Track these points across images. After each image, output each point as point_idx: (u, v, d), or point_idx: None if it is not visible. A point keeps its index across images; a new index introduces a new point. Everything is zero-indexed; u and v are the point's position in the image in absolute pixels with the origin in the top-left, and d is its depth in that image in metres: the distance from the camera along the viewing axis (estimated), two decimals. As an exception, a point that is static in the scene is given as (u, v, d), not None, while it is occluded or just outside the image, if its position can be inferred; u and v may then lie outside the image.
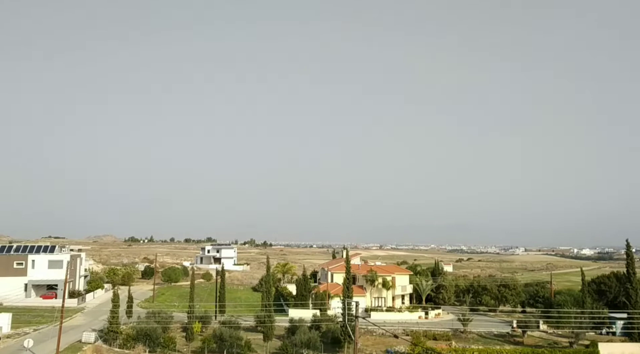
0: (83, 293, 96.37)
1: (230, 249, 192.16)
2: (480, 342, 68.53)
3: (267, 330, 62.04)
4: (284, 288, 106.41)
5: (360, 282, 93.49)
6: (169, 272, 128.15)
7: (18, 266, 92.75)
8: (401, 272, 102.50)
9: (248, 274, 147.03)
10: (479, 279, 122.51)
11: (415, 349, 60.06)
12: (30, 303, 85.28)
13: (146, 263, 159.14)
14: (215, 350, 59.78)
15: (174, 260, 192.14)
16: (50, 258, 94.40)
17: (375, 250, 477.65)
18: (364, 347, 63.20)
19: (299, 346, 59.52)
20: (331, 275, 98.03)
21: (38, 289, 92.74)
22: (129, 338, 59.63)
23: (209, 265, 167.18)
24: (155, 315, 66.20)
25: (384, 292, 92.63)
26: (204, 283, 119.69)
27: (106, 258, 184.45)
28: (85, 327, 66.31)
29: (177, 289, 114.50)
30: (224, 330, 61.41)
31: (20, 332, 62.75)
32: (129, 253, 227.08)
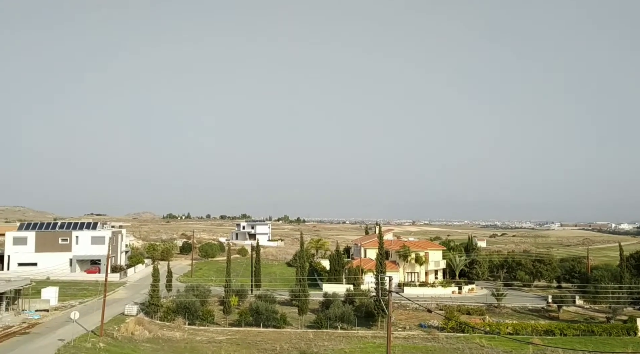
0: (124, 268, 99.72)
1: (265, 225, 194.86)
2: (515, 317, 68.45)
3: (301, 304, 63.27)
4: (317, 263, 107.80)
5: (393, 257, 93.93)
6: (206, 248, 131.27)
7: (63, 242, 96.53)
8: (434, 247, 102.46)
9: (282, 249, 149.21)
10: (513, 254, 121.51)
11: (448, 324, 60.51)
12: (75, 277, 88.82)
13: (184, 239, 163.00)
14: (251, 323, 61.41)
15: (211, 236, 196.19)
16: (93, 235, 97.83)
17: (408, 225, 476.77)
18: (398, 321, 63.92)
19: (333, 320, 60.65)
20: (364, 251, 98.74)
21: (82, 264, 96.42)
22: (169, 311, 61.72)
23: (244, 240, 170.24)
24: (193, 289, 68.20)
25: (417, 267, 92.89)
26: (240, 258, 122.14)
27: (146, 234, 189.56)
28: (127, 300, 68.92)
29: (214, 264, 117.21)
30: (260, 304, 62.94)
31: (67, 305, 65.67)
32: (167, 229, 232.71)
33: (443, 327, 60.62)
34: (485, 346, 52.71)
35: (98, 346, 45.04)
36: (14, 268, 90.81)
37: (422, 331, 60.20)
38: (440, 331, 59.30)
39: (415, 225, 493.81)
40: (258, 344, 53.61)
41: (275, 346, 52.34)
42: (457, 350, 51.57)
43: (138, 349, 47.80)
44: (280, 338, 56.52)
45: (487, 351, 51.08)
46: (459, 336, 57.44)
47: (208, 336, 56.64)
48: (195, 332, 57.86)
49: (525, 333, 58.05)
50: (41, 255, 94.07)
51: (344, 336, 57.71)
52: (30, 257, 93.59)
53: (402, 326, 62.80)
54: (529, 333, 57.99)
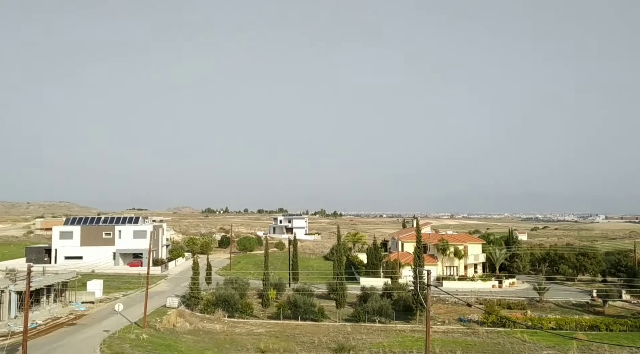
0: (165, 261, 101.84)
1: (302, 219, 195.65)
2: (558, 311, 66.85)
3: (339, 297, 63.34)
4: (354, 257, 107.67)
5: (431, 251, 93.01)
6: (244, 241, 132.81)
7: (106, 236, 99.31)
8: (473, 241, 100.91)
9: (319, 243, 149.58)
10: (555, 248, 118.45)
11: (489, 318, 59.58)
12: (119, 270, 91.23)
13: (222, 233, 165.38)
14: (290, 316, 61.87)
15: (248, 229, 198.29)
16: (135, 229, 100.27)
17: (446, 219, 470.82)
18: (437, 315, 63.30)
19: (371, 313, 60.52)
20: (402, 244, 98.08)
21: (125, 257, 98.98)
22: (209, 303, 62.74)
23: (281, 234, 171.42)
24: (232, 282, 69.10)
25: (456, 261, 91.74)
26: (277, 252, 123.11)
27: (185, 228, 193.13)
28: (169, 293, 70.35)
29: (252, 257, 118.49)
30: (298, 297, 63.33)
31: (111, 297, 67.48)
32: (206, 223, 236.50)
33: (483, 321, 59.72)
34: (527, 341, 51.66)
35: (141, 337, 46.17)
36: (60, 262, 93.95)
37: (462, 326, 59.45)
38: (480, 326, 58.45)
39: (454, 219, 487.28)
40: (296, 337, 53.97)
41: (313, 339, 52.57)
42: (498, 345, 50.71)
43: (180, 340, 48.78)
44: (318, 331, 56.75)
45: (529, 346, 50.01)
46: (499, 330, 56.46)
47: (247, 328, 57.37)
48: (234, 324, 58.68)
49: (569, 328, 56.57)
50: (86, 248, 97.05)
51: (382, 329, 57.52)
52: (75, 251, 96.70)
53: (441, 320, 62.16)
54: (572, 328, 56.50)
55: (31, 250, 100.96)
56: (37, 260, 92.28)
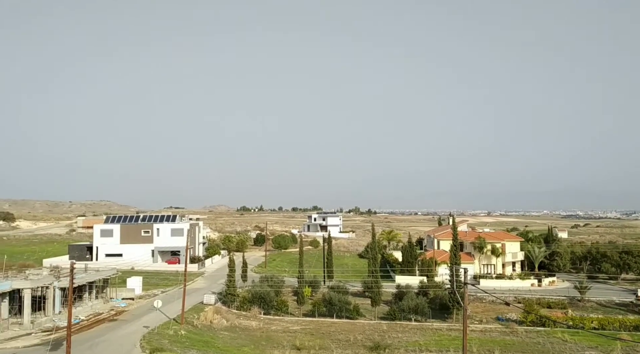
0: (202, 259, 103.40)
1: (336, 217, 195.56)
2: (600, 311, 64.99)
3: (374, 295, 63.09)
4: (389, 254, 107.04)
5: (467, 249, 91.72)
6: (279, 239, 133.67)
7: (145, 234, 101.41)
8: (511, 239, 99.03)
9: (354, 241, 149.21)
10: (597, 245, 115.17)
11: (528, 317, 58.42)
12: (157, 268, 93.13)
13: (257, 231, 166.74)
14: (325, 314, 61.98)
15: (283, 227, 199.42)
16: (172, 227, 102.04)
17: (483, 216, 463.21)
18: (474, 314, 62.41)
19: (406, 312, 60.10)
20: (437, 242, 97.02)
21: (163, 255, 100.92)
22: (245, 300, 63.40)
23: (315, 232, 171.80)
24: (268, 280, 69.66)
25: (493, 259, 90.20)
26: (312, 249, 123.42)
27: (221, 226, 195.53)
28: (206, 290, 71.37)
29: (286, 255, 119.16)
30: (333, 295, 63.40)
31: (150, 294, 68.92)
32: (242, 221, 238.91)
33: (522, 321, 58.59)
34: (568, 341, 50.40)
35: (180, 333, 47.00)
36: (101, 259, 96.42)
37: (500, 325, 58.47)
38: (519, 325, 57.37)
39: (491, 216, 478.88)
40: (332, 334, 54.04)
41: (348, 337, 52.55)
42: (537, 344, 49.64)
43: (217, 337, 49.46)
44: (354, 329, 56.69)
45: (570, 346, 48.78)
46: (539, 330, 55.28)
47: (283, 325, 57.74)
48: (270, 321, 59.14)
49: (612, 328, 54.93)
50: (126, 246, 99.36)
51: (418, 328, 57.07)
52: (115, 248, 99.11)
53: (478, 319, 61.27)
54: (616, 328, 54.85)
55: (74, 247, 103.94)
56: (80, 257, 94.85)
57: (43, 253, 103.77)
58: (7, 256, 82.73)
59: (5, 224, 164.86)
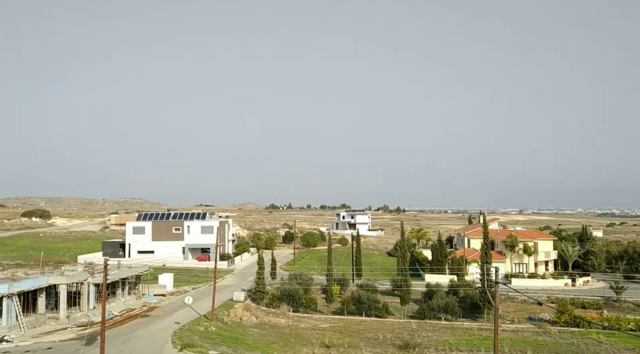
0: (232, 256, 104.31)
1: (365, 215, 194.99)
2: (637, 312, 63.20)
3: (403, 294, 62.70)
4: (419, 253, 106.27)
5: (499, 248, 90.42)
6: (308, 237, 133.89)
7: (176, 231, 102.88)
8: (544, 237, 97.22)
9: (382, 239, 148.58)
10: (634, 244, 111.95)
11: (562, 317, 57.21)
12: (187, 265, 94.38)
13: (286, 229, 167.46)
14: (353, 312, 61.89)
15: (311, 225, 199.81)
16: (202, 224, 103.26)
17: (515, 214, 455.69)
18: (505, 314, 61.45)
19: (436, 311, 59.55)
20: (468, 241, 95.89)
21: (193, 252, 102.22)
22: (274, 298, 63.76)
23: (344, 230, 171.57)
24: (297, 277, 69.87)
25: (525, 258, 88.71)
26: (340, 247, 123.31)
27: (250, 224, 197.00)
28: (235, 287, 72.02)
29: (315, 253, 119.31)
30: (361, 293, 63.27)
31: (181, 290, 69.90)
32: (270, 219, 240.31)
33: (555, 321, 57.41)
34: (603, 343, 49.13)
35: (210, 329, 47.56)
36: (134, 256, 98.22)
37: (533, 325, 57.41)
38: (552, 325, 56.23)
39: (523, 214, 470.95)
40: (361, 333, 53.90)
41: (378, 335, 52.35)
42: (571, 345, 48.56)
43: (247, 333, 49.85)
44: (383, 327, 56.44)
45: (605, 347, 47.57)
46: (573, 330, 54.04)
47: (312, 323, 57.85)
48: (299, 319, 59.33)
49: (650, 330, 53.35)
50: (157, 243, 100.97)
51: (448, 327, 56.49)
52: (147, 245, 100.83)
53: (510, 318, 60.29)
54: (654, 330, 53.25)
55: (107, 244, 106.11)
56: (113, 253, 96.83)
57: (78, 250, 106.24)
58: (43, 252, 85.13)
59: (42, 221, 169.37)
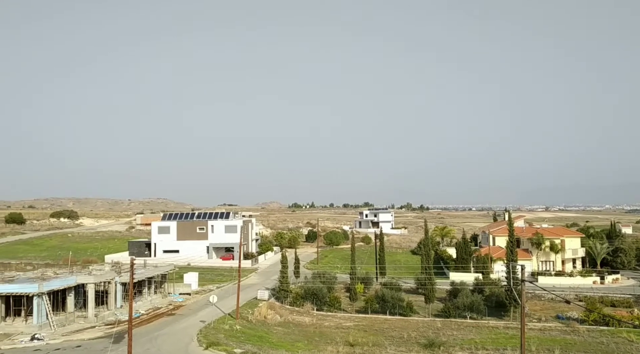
0: (255, 255, 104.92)
1: (388, 213, 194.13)
2: (669, 311, 61.69)
3: (428, 292, 62.27)
4: (443, 251, 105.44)
5: (525, 245, 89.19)
6: (330, 236, 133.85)
7: (200, 231, 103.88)
8: (571, 234, 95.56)
9: (406, 237, 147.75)
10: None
11: (590, 316, 56.16)
12: (212, 264, 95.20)
13: (309, 228, 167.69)
14: (377, 310, 61.71)
15: (334, 224, 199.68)
16: (226, 224, 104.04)
17: (541, 211, 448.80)
18: (532, 312, 60.64)
19: (461, 309, 59.04)
20: (493, 238, 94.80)
21: (217, 251, 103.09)
22: (298, 296, 63.90)
23: (367, 228, 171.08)
24: (320, 276, 69.90)
25: (552, 256, 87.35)
26: (364, 246, 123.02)
27: (273, 223, 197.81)
28: (259, 286, 72.40)
29: (338, 252, 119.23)
30: (385, 291, 63.01)
31: (206, 289, 70.56)
32: (293, 218, 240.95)
33: (584, 319, 56.39)
34: (634, 342, 48.12)
35: (235, 328, 47.90)
36: (159, 255, 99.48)
37: (560, 323, 56.51)
38: (580, 324, 55.23)
39: (549, 211, 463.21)
40: (385, 331, 53.72)
41: (402, 334, 52.10)
42: (601, 344, 47.63)
43: (271, 332, 50.08)
44: (407, 326, 56.15)
45: (636, 346, 46.57)
46: (602, 329, 53.01)
47: (336, 321, 57.84)
48: (323, 317, 59.36)
49: (683, 328, 52.03)
50: (182, 242, 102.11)
51: (474, 325, 55.93)
52: (172, 245, 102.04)
53: (537, 317, 59.49)
54: (687, 328, 51.92)
55: (133, 244, 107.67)
56: (139, 253, 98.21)
57: (105, 250, 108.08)
58: (72, 252, 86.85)
59: (70, 222, 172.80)
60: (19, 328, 45.03)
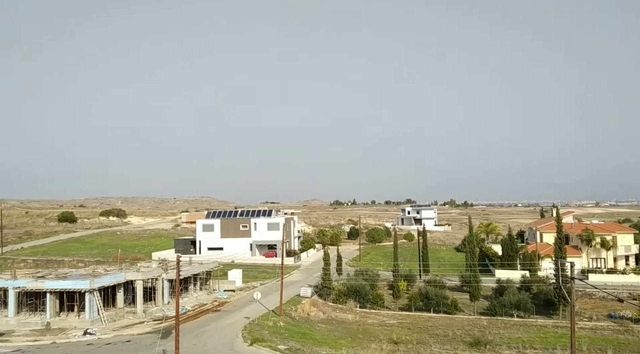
0: (298, 252, 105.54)
1: (431, 210, 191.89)
2: None
3: (473, 290, 61.24)
4: (488, 248, 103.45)
5: (574, 242, 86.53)
6: (373, 233, 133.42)
7: (243, 228, 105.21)
8: (623, 230, 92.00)
9: (450, 234, 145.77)
10: None
11: (645, 315, 54.04)
12: (255, 261, 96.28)
13: (351, 225, 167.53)
14: (421, 308, 61.08)
15: (376, 221, 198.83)
16: (268, 221, 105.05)
17: (591, 207, 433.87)
18: (582, 310, 58.81)
19: (508, 307, 57.86)
20: (540, 235, 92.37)
21: (260, 248, 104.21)
22: (341, 293, 63.89)
23: (409, 225, 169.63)
24: (363, 273, 69.72)
25: (603, 253, 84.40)
26: (406, 243, 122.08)
27: (315, 220, 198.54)
28: (302, 283, 72.78)
29: (380, 249, 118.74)
30: (429, 289, 62.35)
31: (250, 286, 71.45)
32: (335, 215, 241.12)
33: (638, 319, 54.25)
34: (693, 343, 46.03)
35: (279, 324, 48.32)
36: (204, 252, 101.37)
37: (613, 322, 54.60)
38: (634, 323, 53.26)
39: (600, 207, 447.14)
40: (429, 329, 53.15)
41: (447, 332, 51.44)
42: (657, 345, 45.77)
43: (314, 329, 50.28)
44: (452, 324, 55.40)
45: (695, 348, 44.53)
46: (658, 329, 50.93)
47: (379, 319, 57.60)
48: (366, 315, 59.23)
49: None
50: (226, 240, 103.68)
51: (521, 324, 54.73)
52: (216, 242, 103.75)
53: (587, 316, 57.65)
54: None
55: (179, 241, 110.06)
56: (184, 250, 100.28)
57: (152, 247, 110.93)
58: (120, 249, 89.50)
59: (118, 220, 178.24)
60: (73, 323, 46.77)
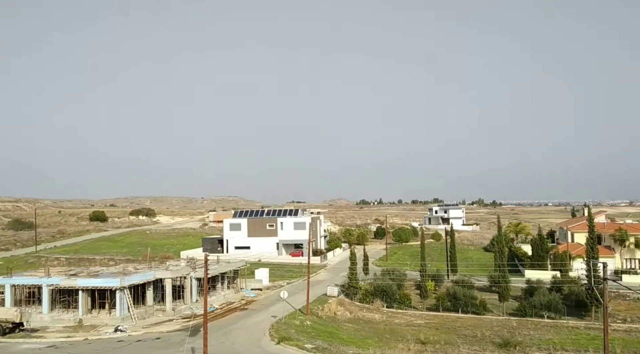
0: (324, 252, 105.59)
1: (458, 209, 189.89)
2: None
3: (502, 290, 60.35)
4: (517, 248, 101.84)
5: (606, 242, 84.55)
6: (399, 232, 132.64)
7: (270, 228, 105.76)
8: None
9: (478, 234, 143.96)
10: None
11: (681, 318, 52.44)
12: (281, 260, 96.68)
13: (377, 224, 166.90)
14: (449, 308, 60.47)
15: (403, 220, 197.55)
16: (295, 221, 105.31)
17: (624, 206, 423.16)
18: (616, 312, 57.43)
19: (538, 308, 56.90)
20: (571, 235, 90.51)
21: (287, 247, 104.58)
22: (368, 293, 63.70)
23: (437, 225, 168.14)
24: (389, 273, 69.40)
25: (638, 253, 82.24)
26: (434, 243, 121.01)
27: (341, 219, 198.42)
28: (328, 282, 72.76)
29: (407, 248, 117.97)
30: (457, 289, 61.69)
31: (276, 285, 71.77)
32: (361, 214, 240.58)
33: (674, 321, 52.70)
34: None
35: (305, 323, 48.43)
36: (231, 251, 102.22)
37: (648, 325, 53.11)
38: (670, 326, 51.70)
39: (634, 206, 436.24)
40: (457, 329, 52.59)
41: (475, 333, 50.83)
42: (694, 349, 44.40)
43: (341, 328, 50.25)
44: (481, 324, 54.73)
45: None
46: (696, 332, 49.41)
47: (406, 319, 57.25)
48: (393, 315, 58.92)
49: None
50: (252, 239, 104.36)
51: (552, 325, 53.73)
52: (243, 241, 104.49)
53: (621, 317, 56.27)
54: None
55: (206, 240, 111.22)
56: (212, 249, 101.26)
57: (180, 246, 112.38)
58: (150, 248, 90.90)
59: (148, 219, 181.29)
60: (104, 320, 47.72)
